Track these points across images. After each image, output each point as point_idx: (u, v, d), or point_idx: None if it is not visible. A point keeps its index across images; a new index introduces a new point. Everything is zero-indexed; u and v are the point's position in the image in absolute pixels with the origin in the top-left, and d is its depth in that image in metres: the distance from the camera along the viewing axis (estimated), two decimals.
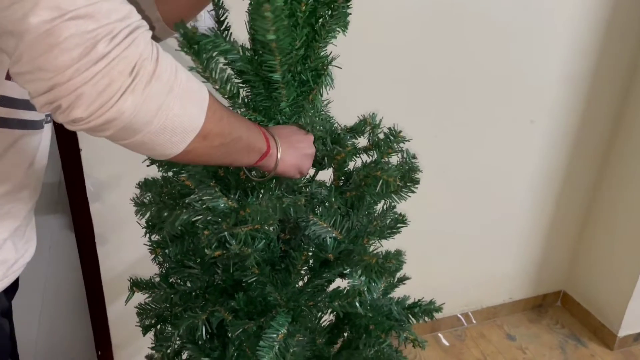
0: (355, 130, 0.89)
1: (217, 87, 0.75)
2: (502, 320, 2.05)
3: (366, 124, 0.86)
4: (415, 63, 1.45)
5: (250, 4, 0.67)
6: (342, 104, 0.95)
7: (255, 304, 0.83)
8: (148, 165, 0.81)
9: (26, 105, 0.66)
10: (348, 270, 0.82)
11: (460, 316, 1.97)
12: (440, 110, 1.55)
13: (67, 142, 1.27)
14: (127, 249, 1.41)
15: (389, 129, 0.85)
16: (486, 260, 1.93)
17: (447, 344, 1.92)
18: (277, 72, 0.71)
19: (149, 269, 0.96)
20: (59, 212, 2.41)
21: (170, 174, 0.80)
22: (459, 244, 1.84)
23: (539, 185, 1.85)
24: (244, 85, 0.78)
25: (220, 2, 0.76)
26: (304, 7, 0.67)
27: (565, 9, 1.54)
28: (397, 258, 0.80)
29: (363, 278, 0.84)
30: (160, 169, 0.80)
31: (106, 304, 1.46)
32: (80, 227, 1.38)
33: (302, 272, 0.82)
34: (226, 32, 0.78)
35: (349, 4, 0.71)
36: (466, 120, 1.60)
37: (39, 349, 1.70)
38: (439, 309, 0.89)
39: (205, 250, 0.67)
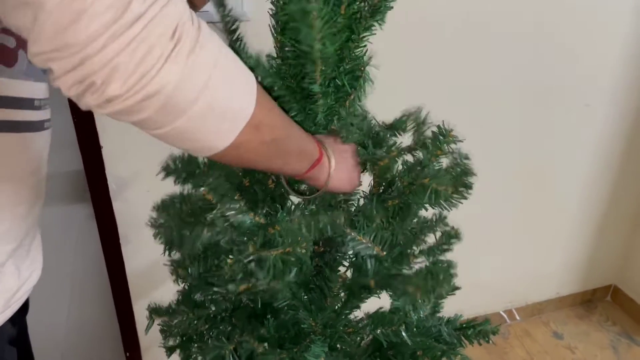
0: (397, 127, 0.78)
1: None
2: (547, 316, 1.92)
3: (409, 121, 0.75)
4: (457, 44, 1.31)
5: (280, 12, 0.58)
6: (377, 92, 0.83)
7: (287, 328, 0.75)
8: (163, 179, 0.72)
9: (12, 103, 0.55)
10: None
11: (502, 313, 1.86)
12: (486, 94, 1.41)
13: (87, 139, 1.20)
14: (152, 247, 1.34)
15: (438, 127, 0.73)
16: (532, 253, 1.80)
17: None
18: (317, 82, 0.61)
19: (171, 278, 0.88)
20: (86, 200, 2.37)
21: (189, 187, 0.71)
22: (503, 236, 1.71)
23: (592, 174, 1.70)
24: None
25: (228, 11, 0.66)
26: (343, 11, 0.57)
27: None
28: (447, 279, 0.69)
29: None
30: (178, 181, 0.70)
31: (133, 305, 1.40)
32: (103, 227, 1.32)
33: (339, 294, 0.72)
34: (238, 42, 0.67)
35: None
36: (513, 105, 1.46)
37: (68, 347, 1.67)
38: (496, 331, 0.79)
39: (229, 286, 0.58)
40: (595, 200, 1.77)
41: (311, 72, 0.57)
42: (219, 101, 0.43)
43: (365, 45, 0.63)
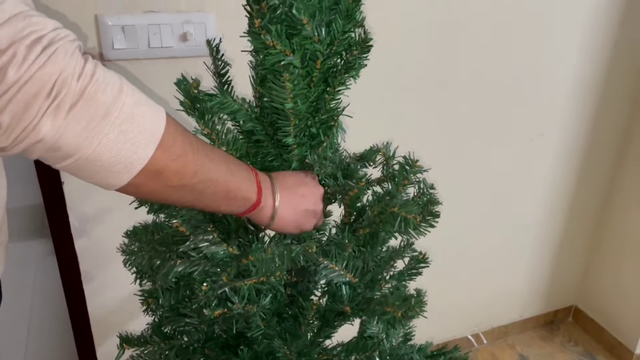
0: (366, 158, 0.80)
1: (224, 148, 0.67)
2: (513, 339, 1.96)
3: (378, 153, 0.78)
4: (415, 73, 1.37)
5: (259, 67, 0.60)
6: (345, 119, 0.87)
7: (261, 358, 0.74)
8: (136, 208, 0.71)
9: None
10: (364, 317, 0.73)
11: (470, 337, 1.88)
12: (445, 123, 1.47)
13: (47, 174, 1.17)
14: (116, 285, 1.30)
15: (404, 157, 0.77)
16: (495, 277, 1.85)
17: None
18: (291, 135, 0.64)
19: (141, 308, 0.86)
20: (44, 236, 2.28)
21: (162, 216, 0.71)
22: (467, 262, 1.75)
23: (549, 199, 1.78)
24: (252, 145, 0.70)
25: (221, 55, 0.69)
26: (319, 66, 0.60)
27: (575, 14, 1.47)
28: (419, 304, 0.71)
29: (381, 325, 0.75)
30: (151, 212, 0.70)
31: (95, 347, 1.35)
32: (64, 265, 1.28)
33: (313, 322, 0.73)
34: (226, 85, 0.70)
35: (366, 55, 0.63)
36: (472, 134, 1.53)
37: None
38: (466, 358, 0.81)
39: (204, 311, 0.58)
40: (552, 224, 1.84)
41: (285, 126, 0.60)
42: (106, 148, 0.46)
43: (340, 99, 0.66)
